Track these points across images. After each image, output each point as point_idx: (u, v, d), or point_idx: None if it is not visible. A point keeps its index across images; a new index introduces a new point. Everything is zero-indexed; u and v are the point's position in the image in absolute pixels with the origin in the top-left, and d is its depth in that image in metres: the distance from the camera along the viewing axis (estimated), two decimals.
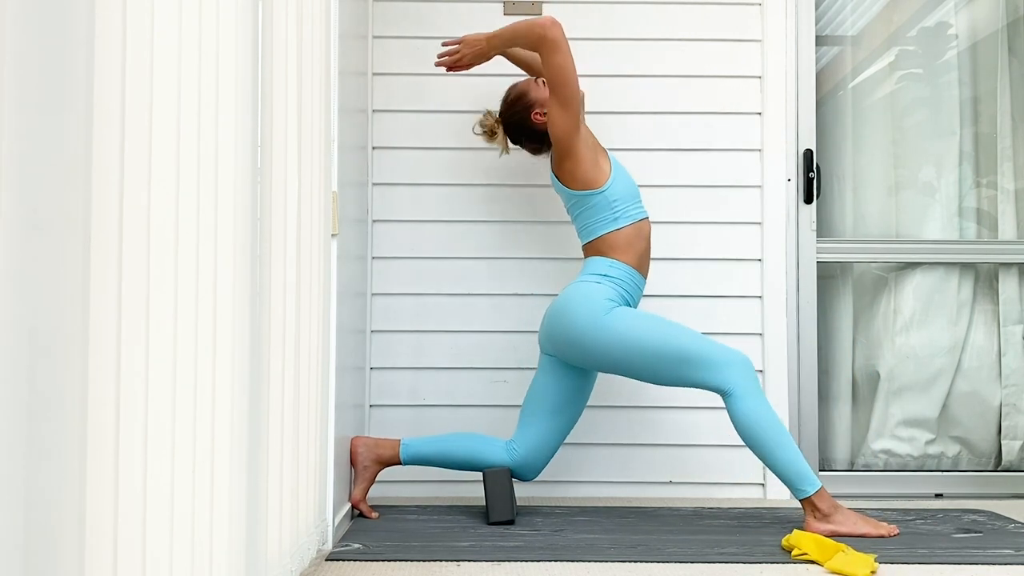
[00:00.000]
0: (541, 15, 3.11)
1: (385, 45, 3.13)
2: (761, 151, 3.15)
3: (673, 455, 3.09)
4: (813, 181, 3.16)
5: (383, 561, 2.16)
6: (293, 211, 1.84)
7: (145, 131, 1.16)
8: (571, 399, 2.70)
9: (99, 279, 1.04)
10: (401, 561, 2.16)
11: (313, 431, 2.10)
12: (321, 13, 2.16)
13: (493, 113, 2.85)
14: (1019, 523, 2.64)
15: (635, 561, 2.16)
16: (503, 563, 2.14)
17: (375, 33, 3.12)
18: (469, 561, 2.15)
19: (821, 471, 3.13)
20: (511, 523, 2.56)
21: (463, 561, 2.15)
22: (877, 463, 3.26)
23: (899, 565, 2.14)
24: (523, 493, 2.95)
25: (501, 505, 2.56)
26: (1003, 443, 3.27)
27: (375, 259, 3.10)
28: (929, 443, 3.27)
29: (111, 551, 1.07)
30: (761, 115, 3.15)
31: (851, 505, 2.59)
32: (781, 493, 3.02)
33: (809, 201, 3.17)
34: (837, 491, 2.72)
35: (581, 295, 2.60)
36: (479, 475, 2.70)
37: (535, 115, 2.74)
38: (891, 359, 3.30)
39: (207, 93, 1.32)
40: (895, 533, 2.43)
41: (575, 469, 3.07)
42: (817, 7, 3.24)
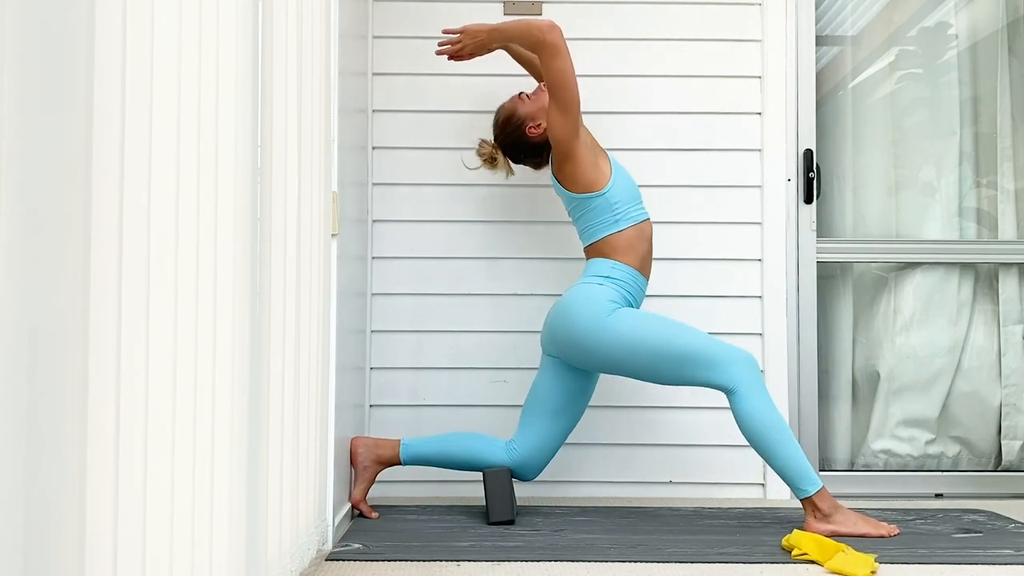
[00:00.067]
0: (541, 15, 3.11)
1: (385, 45, 3.13)
2: (761, 151, 3.15)
3: (673, 455, 3.09)
4: (813, 181, 3.16)
5: (383, 561, 2.16)
6: (293, 211, 1.84)
7: (145, 131, 1.16)
8: (572, 400, 2.70)
9: (99, 279, 1.04)
10: (401, 561, 2.16)
11: (313, 431, 2.10)
12: (321, 13, 2.16)
13: (488, 140, 2.84)
14: (1019, 523, 2.64)
15: (635, 561, 2.16)
16: (503, 563, 2.14)
17: (375, 33, 3.12)
18: (469, 561, 2.15)
19: (821, 471, 3.13)
20: (511, 523, 2.56)
21: (463, 561, 2.15)
22: (877, 463, 3.26)
23: (899, 565, 2.14)
24: (523, 493, 2.95)
25: (501, 505, 2.56)
26: (1003, 443, 3.27)
27: (375, 259, 3.10)
28: (929, 443, 3.27)
29: (111, 551, 1.07)
30: (761, 115, 3.15)
31: (851, 505, 2.59)
32: (781, 493, 3.02)
33: (809, 201, 3.17)
34: (837, 491, 2.72)
35: (584, 297, 2.59)
36: (479, 475, 2.70)
37: (530, 129, 2.73)
38: (891, 359, 3.30)
39: (207, 93, 1.32)
40: (895, 533, 2.43)
41: (575, 469, 3.07)
42: (817, 7, 3.24)
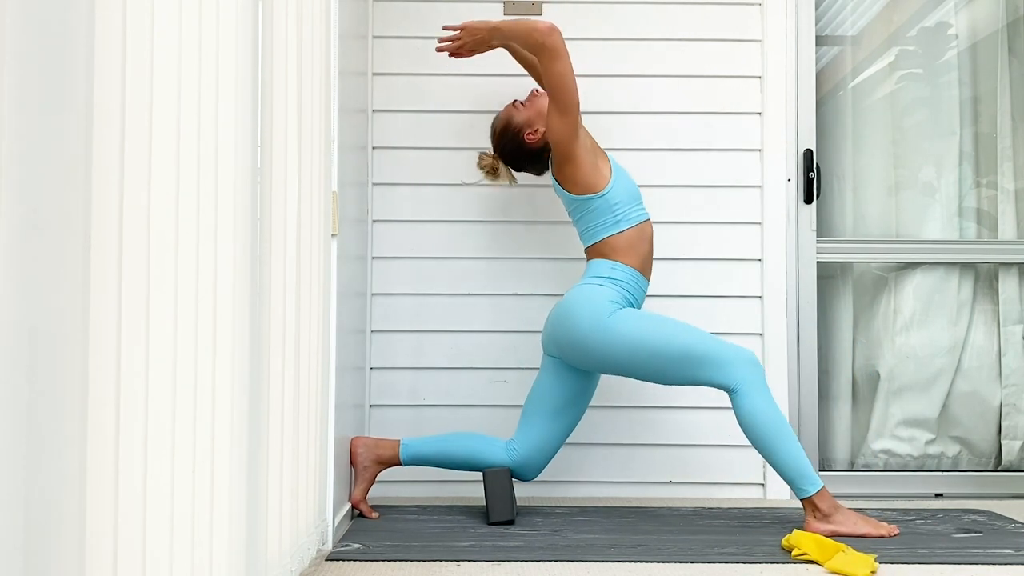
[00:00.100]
0: (541, 15, 3.11)
1: (385, 45, 3.13)
2: (761, 151, 3.15)
3: (673, 455, 3.09)
4: (813, 181, 3.16)
5: (383, 561, 2.16)
6: (293, 211, 1.84)
7: (145, 131, 1.16)
8: (573, 401, 2.70)
9: (99, 279, 1.04)
10: (401, 561, 2.16)
11: (313, 431, 2.10)
12: (321, 13, 2.16)
13: (487, 152, 2.85)
14: (1019, 523, 2.64)
15: (635, 561, 2.16)
16: (503, 563, 2.14)
17: (375, 33, 3.12)
18: (469, 561, 2.15)
19: (821, 471, 3.13)
20: (511, 523, 2.56)
21: (463, 561, 2.15)
22: (877, 463, 3.26)
23: (899, 565, 2.14)
24: (523, 493, 2.95)
25: (501, 505, 2.56)
26: (1003, 443, 3.27)
27: (375, 259, 3.10)
28: (929, 443, 3.27)
29: (111, 551, 1.07)
30: (761, 115, 3.15)
31: (851, 505, 2.59)
32: (781, 493, 3.02)
33: (809, 201, 3.17)
34: (837, 491, 2.72)
35: (584, 298, 2.59)
36: (479, 475, 2.70)
37: (528, 135, 2.73)
38: (891, 359, 3.30)
39: (207, 93, 1.32)
40: (895, 533, 2.43)
41: (575, 469, 3.07)
42: (817, 7, 3.24)
